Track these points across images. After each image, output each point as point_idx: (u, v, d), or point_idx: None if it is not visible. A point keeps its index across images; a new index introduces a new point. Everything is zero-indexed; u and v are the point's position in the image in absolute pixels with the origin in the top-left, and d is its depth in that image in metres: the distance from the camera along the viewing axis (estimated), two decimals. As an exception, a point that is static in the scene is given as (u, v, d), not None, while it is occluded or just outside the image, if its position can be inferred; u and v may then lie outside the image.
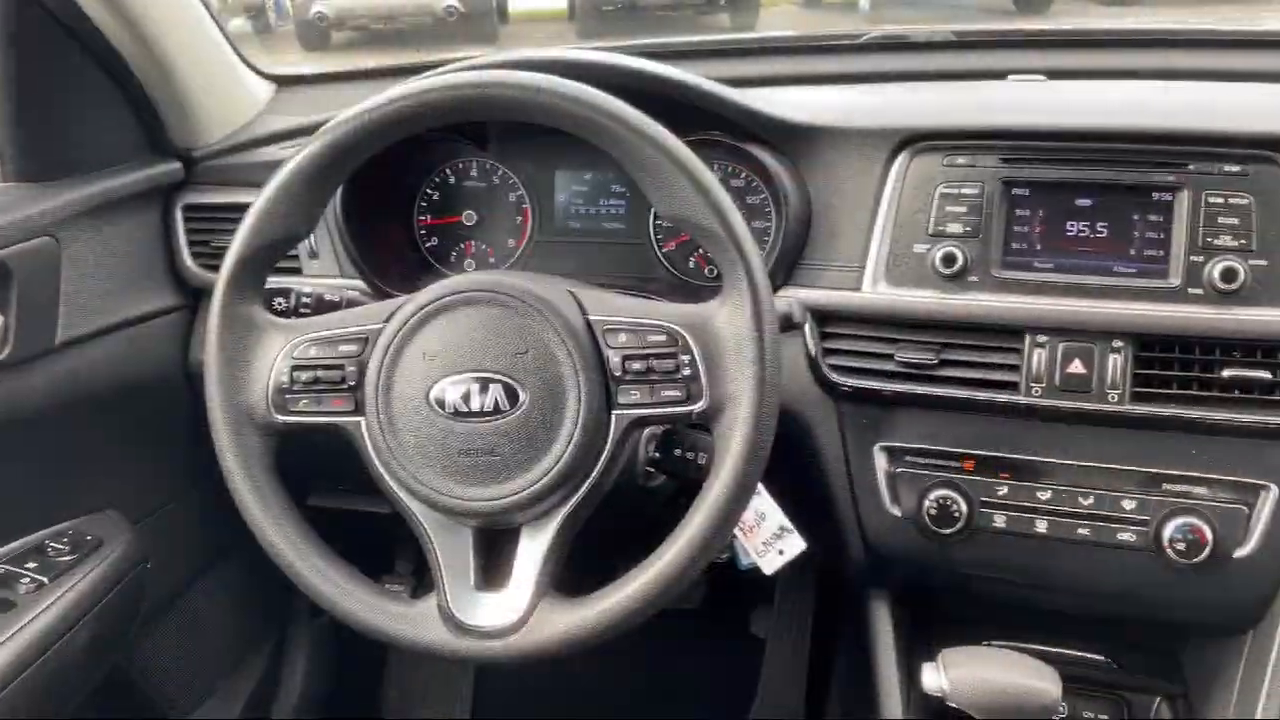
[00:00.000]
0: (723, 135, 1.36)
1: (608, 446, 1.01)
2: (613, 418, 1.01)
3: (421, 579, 2.01)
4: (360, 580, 1.05)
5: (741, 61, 1.74)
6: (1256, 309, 1.16)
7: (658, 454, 1.20)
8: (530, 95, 0.98)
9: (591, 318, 1.02)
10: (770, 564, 1.27)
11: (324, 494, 1.63)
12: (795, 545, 1.27)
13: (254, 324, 1.07)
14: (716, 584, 1.95)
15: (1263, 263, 1.17)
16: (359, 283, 1.43)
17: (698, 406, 0.99)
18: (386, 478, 1.03)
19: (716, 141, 1.36)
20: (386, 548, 2.04)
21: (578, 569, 1.07)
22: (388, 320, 1.04)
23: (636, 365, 1.00)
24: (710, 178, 0.99)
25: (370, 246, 1.43)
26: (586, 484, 1.02)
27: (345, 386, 1.04)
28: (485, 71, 1.01)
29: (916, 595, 1.44)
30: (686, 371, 0.99)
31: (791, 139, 1.34)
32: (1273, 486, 1.19)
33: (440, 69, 1.34)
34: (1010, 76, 1.55)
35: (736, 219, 0.99)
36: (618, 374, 1.00)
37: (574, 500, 1.02)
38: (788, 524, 1.27)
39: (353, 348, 1.04)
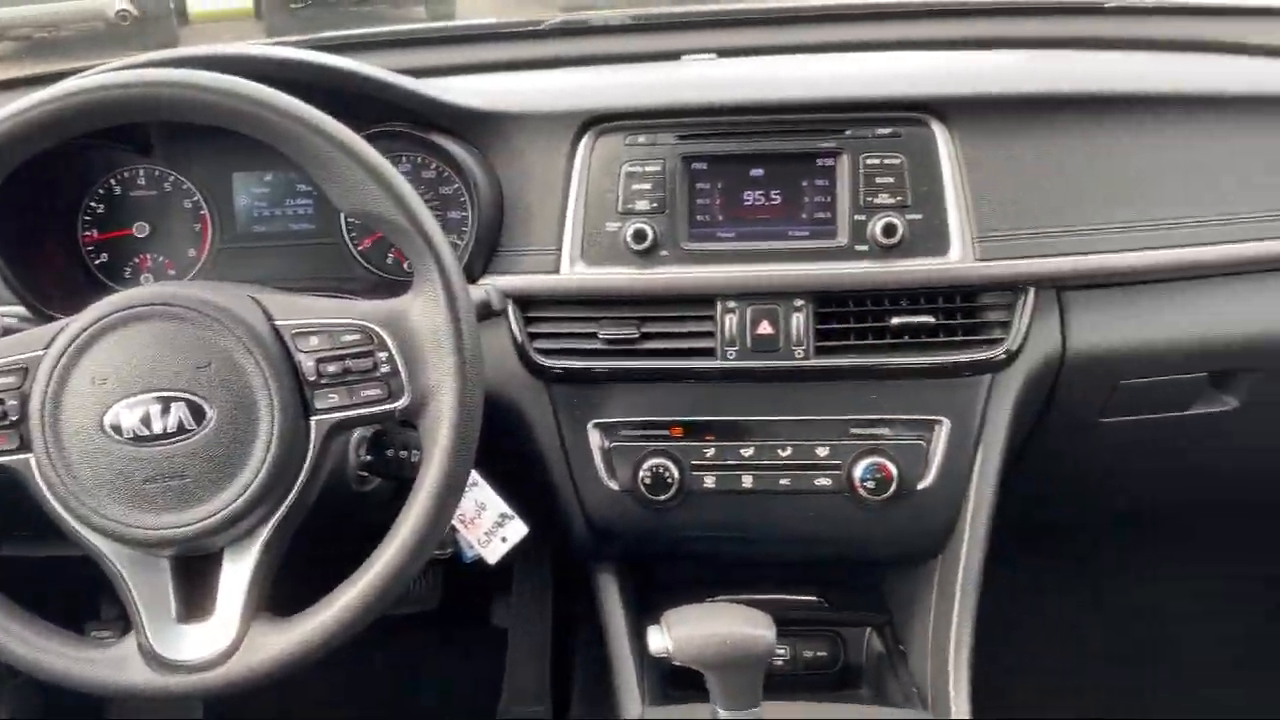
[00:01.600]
0: (405, 126, 1.33)
1: (309, 456, 0.98)
2: (311, 424, 0.98)
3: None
4: (46, 628, 0.98)
5: (430, 51, 1.72)
6: (916, 260, 1.27)
7: (369, 456, 1.18)
8: (179, 93, 0.93)
9: (278, 322, 0.98)
10: (494, 553, 1.27)
11: (1, 542, 1.49)
12: (518, 531, 1.27)
13: None
14: (453, 580, 1.92)
15: (918, 216, 1.27)
16: (18, 309, 1.30)
17: (400, 403, 0.98)
18: (65, 516, 0.96)
19: (400, 133, 1.33)
20: (90, 592, 1.88)
21: (299, 584, 1.03)
22: (49, 346, 0.96)
23: (332, 367, 0.97)
24: (388, 168, 0.98)
25: (28, 267, 1.30)
26: (290, 497, 0.98)
27: (6, 422, 0.96)
28: (131, 71, 0.95)
29: (642, 564, 1.48)
30: (385, 369, 0.97)
31: (475, 126, 1.34)
32: (945, 420, 1.30)
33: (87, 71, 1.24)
34: (684, 56, 1.61)
35: (420, 208, 0.98)
36: (312, 378, 0.97)
37: (278, 516, 0.98)
38: (508, 511, 1.27)
39: (10, 379, 0.97)
